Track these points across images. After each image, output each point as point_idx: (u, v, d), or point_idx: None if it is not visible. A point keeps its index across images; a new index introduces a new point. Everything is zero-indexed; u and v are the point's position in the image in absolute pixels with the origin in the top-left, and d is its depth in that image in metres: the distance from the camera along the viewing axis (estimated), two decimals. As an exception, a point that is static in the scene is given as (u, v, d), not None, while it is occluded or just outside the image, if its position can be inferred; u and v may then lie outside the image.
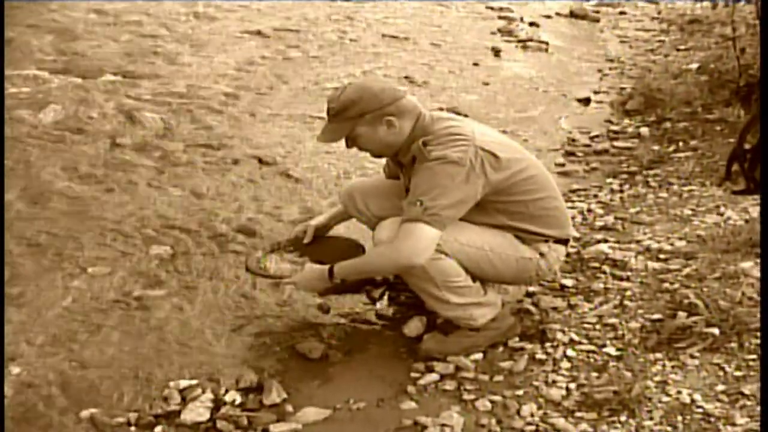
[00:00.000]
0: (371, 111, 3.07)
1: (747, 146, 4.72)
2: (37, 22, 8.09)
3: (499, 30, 9.63)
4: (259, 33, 8.43)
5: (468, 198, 3.00)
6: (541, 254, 3.26)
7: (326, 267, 3.17)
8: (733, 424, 2.61)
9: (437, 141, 3.01)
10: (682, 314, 3.18)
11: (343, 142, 3.21)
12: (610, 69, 8.35)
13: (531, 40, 9.20)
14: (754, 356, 2.94)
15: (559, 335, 3.28)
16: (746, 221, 4.11)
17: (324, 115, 3.18)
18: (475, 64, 8.09)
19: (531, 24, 10.02)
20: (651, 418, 2.70)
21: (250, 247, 4.10)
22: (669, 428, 2.65)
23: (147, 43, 7.79)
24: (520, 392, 2.96)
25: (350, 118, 3.09)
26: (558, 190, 3.37)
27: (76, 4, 8.88)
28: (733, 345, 3.02)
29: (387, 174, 3.63)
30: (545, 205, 3.22)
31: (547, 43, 9.11)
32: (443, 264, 3.05)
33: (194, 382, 3.05)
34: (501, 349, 3.26)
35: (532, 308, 3.51)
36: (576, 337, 3.27)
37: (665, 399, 2.79)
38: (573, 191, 5.00)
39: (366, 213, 3.51)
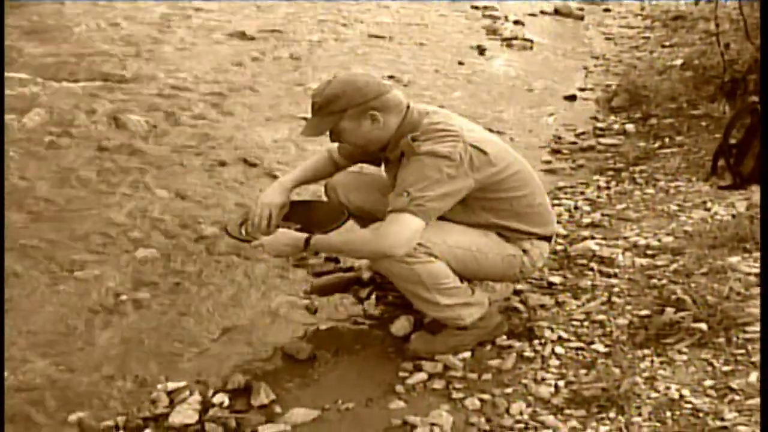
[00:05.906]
0: (355, 105, 3.03)
1: (732, 141, 4.74)
2: (21, 25, 8.05)
3: (484, 28, 9.65)
4: (243, 34, 8.40)
5: (454, 192, 2.97)
6: (524, 251, 3.27)
7: (303, 235, 3.10)
8: (722, 419, 2.61)
9: (426, 136, 2.99)
10: (669, 310, 3.19)
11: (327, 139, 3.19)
12: (595, 66, 8.37)
13: (516, 38, 9.22)
14: (742, 351, 2.95)
15: (547, 333, 3.28)
16: (733, 216, 4.13)
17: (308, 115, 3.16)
18: (460, 63, 8.10)
19: (516, 22, 10.05)
20: (640, 414, 2.70)
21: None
22: (658, 424, 2.64)
23: (132, 46, 7.75)
24: (509, 390, 2.96)
25: (334, 112, 3.05)
26: (542, 186, 3.37)
27: (62, 7, 8.85)
28: (721, 340, 3.02)
29: (342, 153, 3.53)
30: (530, 202, 3.22)
31: (531, 41, 9.13)
32: (434, 267, 3.03)
33: (182, 384, 3.04)
34: (489, 347, 3.26)
35: (520, 306, 3.51)
36: (564, 335, 3.27)
37: (654, 395, 2.79)
38: (560, 188, 5.01)
39: (349, 206, 3.49)
